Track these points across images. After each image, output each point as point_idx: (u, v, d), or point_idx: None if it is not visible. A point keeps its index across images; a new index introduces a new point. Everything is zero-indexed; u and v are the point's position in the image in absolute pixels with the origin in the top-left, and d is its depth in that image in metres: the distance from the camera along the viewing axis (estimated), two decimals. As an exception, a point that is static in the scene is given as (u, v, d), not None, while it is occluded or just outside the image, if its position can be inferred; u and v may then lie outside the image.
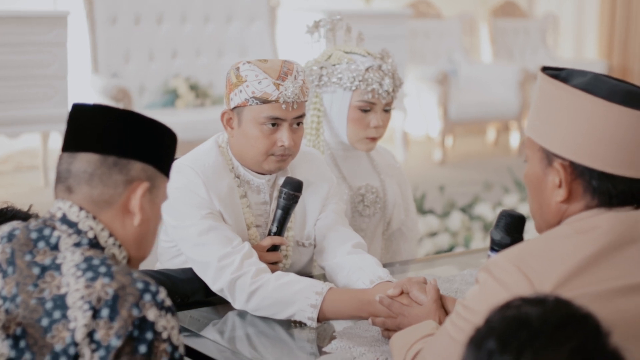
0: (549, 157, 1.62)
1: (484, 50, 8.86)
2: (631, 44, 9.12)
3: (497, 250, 2.03)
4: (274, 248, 2.30)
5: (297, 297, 2.09)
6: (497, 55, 8.66)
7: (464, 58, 8.29)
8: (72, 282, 1.46)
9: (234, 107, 2.27)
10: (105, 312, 1.43)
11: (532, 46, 8.89)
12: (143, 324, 1.44)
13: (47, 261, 1.50)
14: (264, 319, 2.13)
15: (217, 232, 2.20)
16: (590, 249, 1.54)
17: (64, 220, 1.55)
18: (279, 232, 2.29)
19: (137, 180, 1.57)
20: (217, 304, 2.22)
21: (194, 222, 2.21)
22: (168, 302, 1.48)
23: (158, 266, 2.45)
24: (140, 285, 1.46)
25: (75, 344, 1.43)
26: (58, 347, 1.44)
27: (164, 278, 2.22)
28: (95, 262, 1.49)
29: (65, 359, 1.43)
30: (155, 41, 6.50)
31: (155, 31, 6.50)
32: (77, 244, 1.52)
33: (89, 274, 1.47)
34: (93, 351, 1.43)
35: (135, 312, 1.43)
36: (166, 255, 2.39)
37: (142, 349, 1.43)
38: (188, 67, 6.58)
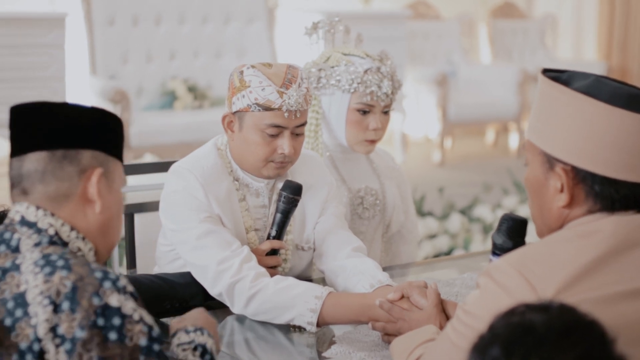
0: (550, 161, 1.60)
1: (483, 51, 8.86)
2: (630, 45, 9.12)
3: (498, 255, 2.01)
4: (273, 252, 2.28)
5: (297, 301, 2.07)
6: (496, 56, 8.65)
7: (462, 59, 8.28)
8: (30, 279, 1.46)
9: (236, 111, 2.25)
10: (66, 305, 1.42)
11: (531, 47, 8.89)
12: (107, 311, 1.42)
13: (7, 264, 1.50)
14: (263, 323, 2.12)
15: (215, 235, 2.19)
16: (593, 254, 1.53)
17: (23, 222, 1.55)
18: (278, 235, 2.28)
19: (90, 168, 1.58)
20: (215, 308, 2.20)
21: (193, 226, 2.19)
22: (130, 288, 1.47)
23: (156, 270, 2.44)
24: (98, 275, 1.45)
25: (39, 340, 1.42)
26: (23, 345, 1.43)
27: (162, 282, 2.21)
28: (53, 257, 1.48)
29: (31, 357, 1.42)
30: (153, 42, 6.49)
31: (153, 32, 6.49)
32: (38, 244, 1.52)
33: (47, 269, 1.46)
34: (58, 346, 1.41)
35: (96, 301, 1.42)
36: (164, 259, 2.37)
37: (113, 336, 1.42)
38: (186, 69, 6.57)
